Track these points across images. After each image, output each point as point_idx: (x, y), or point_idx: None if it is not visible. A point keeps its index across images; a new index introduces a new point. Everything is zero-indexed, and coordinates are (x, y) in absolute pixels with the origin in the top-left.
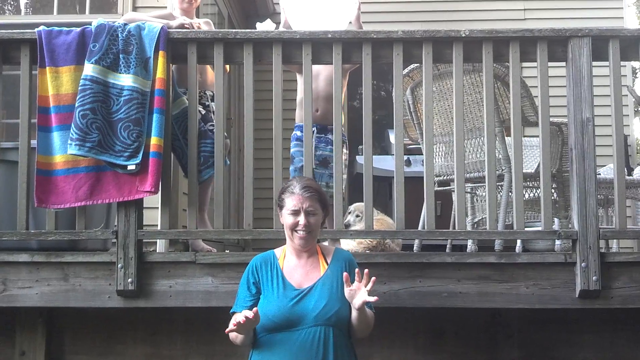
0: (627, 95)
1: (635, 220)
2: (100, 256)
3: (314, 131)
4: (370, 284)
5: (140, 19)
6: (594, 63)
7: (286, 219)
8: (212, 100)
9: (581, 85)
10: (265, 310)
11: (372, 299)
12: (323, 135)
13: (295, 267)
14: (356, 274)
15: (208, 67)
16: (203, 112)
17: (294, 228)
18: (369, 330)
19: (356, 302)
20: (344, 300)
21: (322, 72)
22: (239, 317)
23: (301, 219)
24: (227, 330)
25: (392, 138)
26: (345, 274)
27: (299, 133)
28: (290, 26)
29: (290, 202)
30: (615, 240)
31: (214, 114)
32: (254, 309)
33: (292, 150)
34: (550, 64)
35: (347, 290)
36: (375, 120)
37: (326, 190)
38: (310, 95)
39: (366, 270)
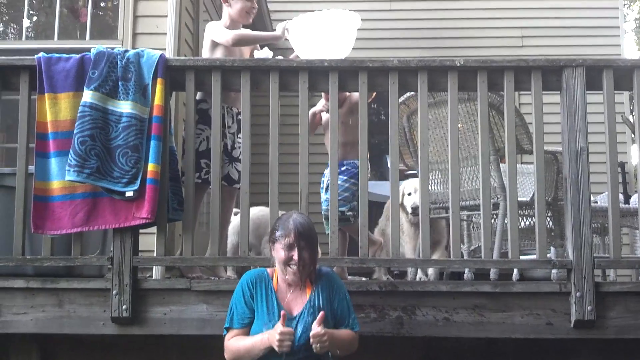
0: (622, 122)
1: (633, 249)
2: (95, 282)
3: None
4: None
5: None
6: (589, 91)
7: (279, 253)
8: (237, 118)
9: (575, 115)
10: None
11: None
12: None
13: (286, 291)
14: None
15: None
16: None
17: (287, 262)
18: (350, 351)
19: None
20: (327, 324)
21: (344, 105)
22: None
23: (295, 253)
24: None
25: (389, 164)
26: (322, 312)
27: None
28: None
29: (284, 237)
30: (612, 269)
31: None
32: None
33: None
34: (544, 92)
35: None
36: (374, 144)
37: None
38: (308, 126)
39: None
